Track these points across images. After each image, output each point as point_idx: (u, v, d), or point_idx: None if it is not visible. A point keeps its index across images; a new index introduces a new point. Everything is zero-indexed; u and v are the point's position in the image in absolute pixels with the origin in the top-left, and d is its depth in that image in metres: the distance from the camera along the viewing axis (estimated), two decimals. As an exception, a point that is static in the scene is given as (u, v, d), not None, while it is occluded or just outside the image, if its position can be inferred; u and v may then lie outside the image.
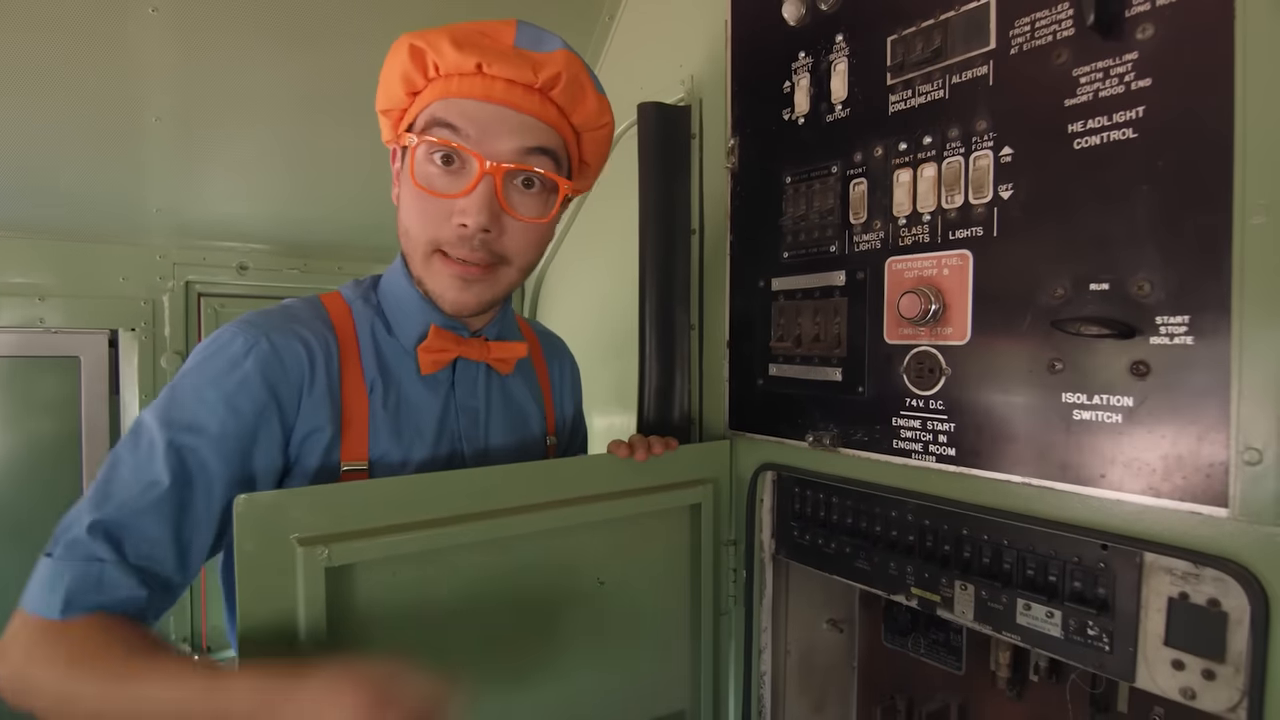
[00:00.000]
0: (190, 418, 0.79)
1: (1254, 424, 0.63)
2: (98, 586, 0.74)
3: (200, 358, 0.83)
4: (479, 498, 0.91)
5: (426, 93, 0.88)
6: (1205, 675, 0.71)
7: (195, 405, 0.80)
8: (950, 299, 0.86)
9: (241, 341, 0.83)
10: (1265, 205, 0.62)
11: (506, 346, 1.00)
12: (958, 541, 0.91)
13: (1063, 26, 0.76)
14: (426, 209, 0.87)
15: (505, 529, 0.91)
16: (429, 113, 0.87)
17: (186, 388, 0.81)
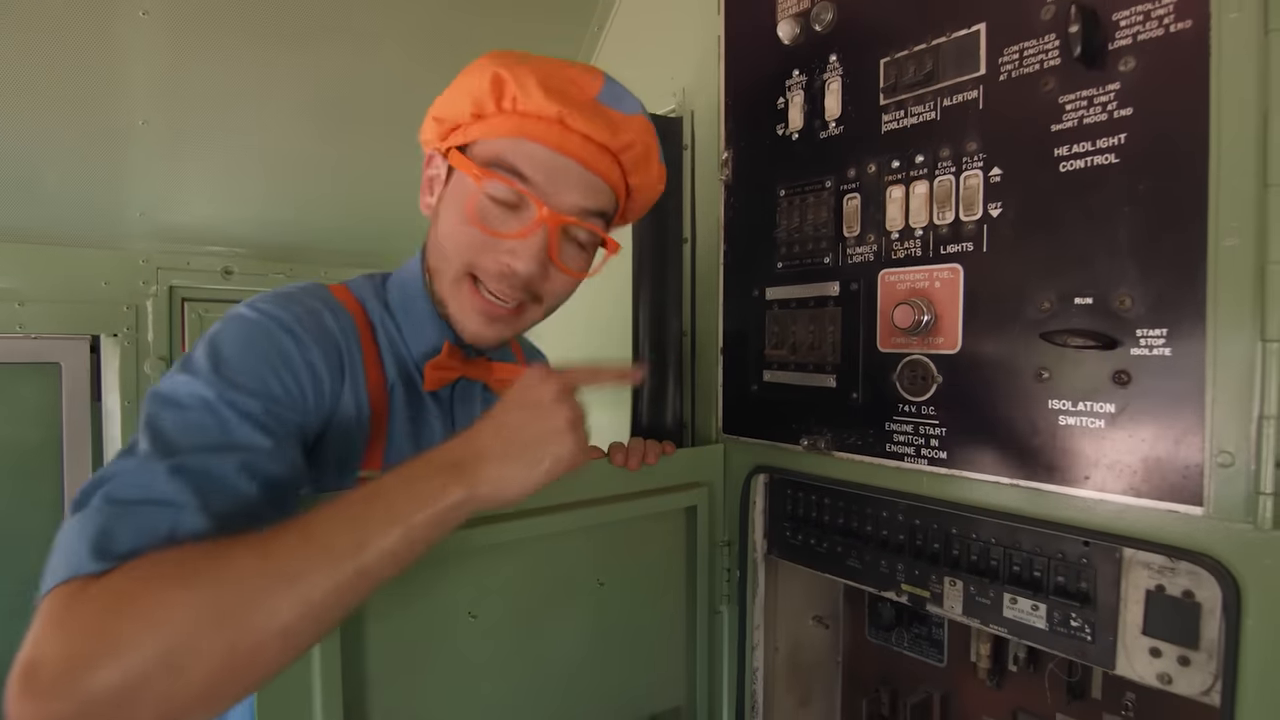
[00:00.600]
0: (252, 383, 0.72)
1: (1226, 429, 0.69)
2: (170, 533, 0.58)
3: (240, 329, 0.76)
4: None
5: (497, 123, 0.85)
6: (1181, 662, 0.76)
7: (253, 372, 0.73)
8: (941, 310, 0.91)
9: (286, 314, 0.78)
10: (1237, 228, 0.68)
11: (508, 369, 1.00)
12: (947, 540, 0.96)
13: (1049, 56, 0.81)
14: (472, 237, 0.86)
15: (506, 534, 0.92)
16: (497, 149, 0.85)
17: (235, 356, 0.73)
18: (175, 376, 0.71)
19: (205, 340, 0.75)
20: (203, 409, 0.68)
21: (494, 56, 0.86)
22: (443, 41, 1.44)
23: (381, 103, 1.49)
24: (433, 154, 0.93)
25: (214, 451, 0.66)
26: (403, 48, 1.41)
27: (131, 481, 0.61)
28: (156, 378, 1.57)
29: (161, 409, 0.68)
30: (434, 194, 0.92)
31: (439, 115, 0.91)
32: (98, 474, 0.63)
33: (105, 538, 0.56)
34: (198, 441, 0.66)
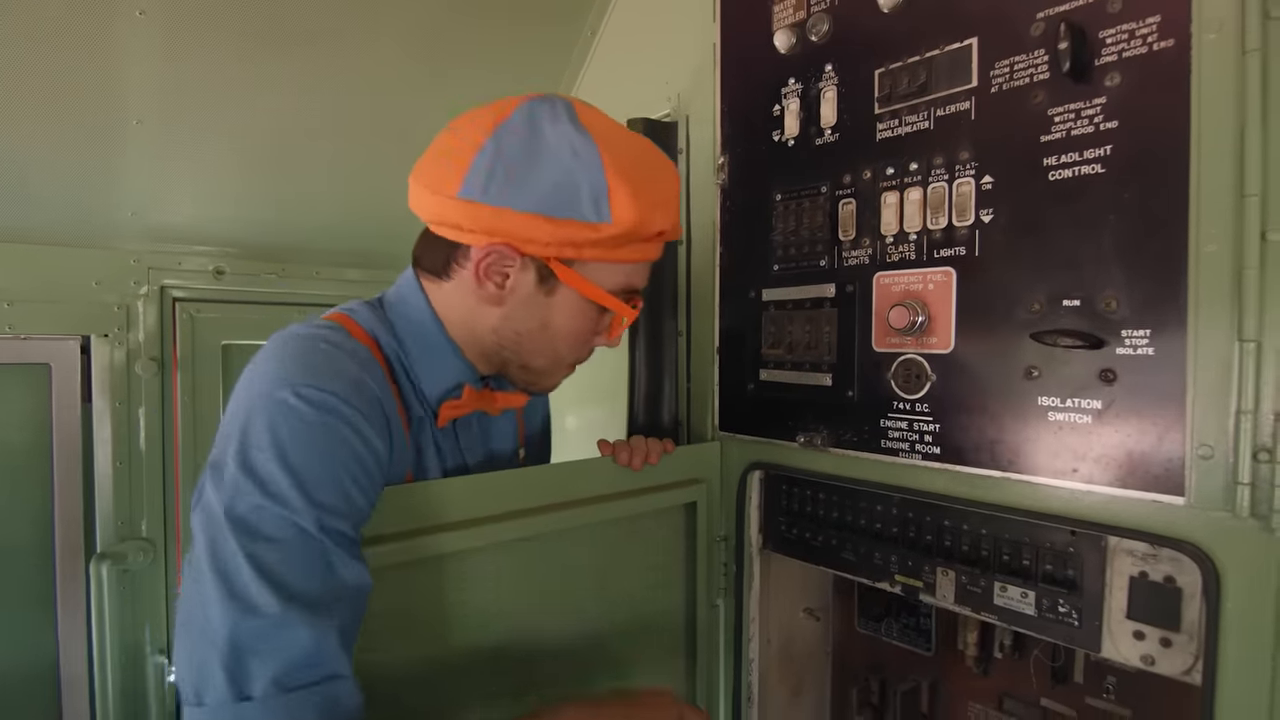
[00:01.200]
0: (339, 502, 0.72)
1: (1207, 423, 0.73)
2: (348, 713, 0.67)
3: (302, 431, 0.72)
4: (484, 503, 0.94)
5: (630, 251, 0.87)
6: (1163, 643, 0.81)
7: (335, 486, 0.72)
8: (935, 311, 0.95)
9: (340, 402, 0.75)
10: (1217, 235, 0.72)
11: (509, 398, 1.00)
12: (939, 531, 1.00)
13: (1039, 70, 0.85)
14: (588, 338, 0.95)
15: (508, 533, 0.94)
16: (628, 276, 0.91)
17: (311, 468, 0.71)
18: (249, 498, 0.68)
19: (265, 446, 0.70)
20: (302, 542, 0.69)
21: (660, 212, 0.86)
22: (436, 43, 1.45)
23: (375, 103, 1.50)
24: (511, 253, 0.84)
25: (336, 601, 0.69)
26: (397, 49, 1.42)
27: (301, 658, 0.65)
28: (150, 379, 1.56)
29: (254, 543, 0.67)
30: (507, 288, 0.87)
31: (535, 231, 0.82)
32: (219, 637, 0.63)
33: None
34: (310, 585, 0.68)
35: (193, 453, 1.65)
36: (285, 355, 0.78)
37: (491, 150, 0.82)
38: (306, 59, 1.35)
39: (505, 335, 0.91)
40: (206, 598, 0.65)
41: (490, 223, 0.82)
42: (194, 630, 0.65)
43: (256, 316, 1.70)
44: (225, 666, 0.63)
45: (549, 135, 0.82)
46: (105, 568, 1.49)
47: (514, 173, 0.81)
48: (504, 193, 0.81)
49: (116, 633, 1.52)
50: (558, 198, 0.81)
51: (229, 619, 0.64)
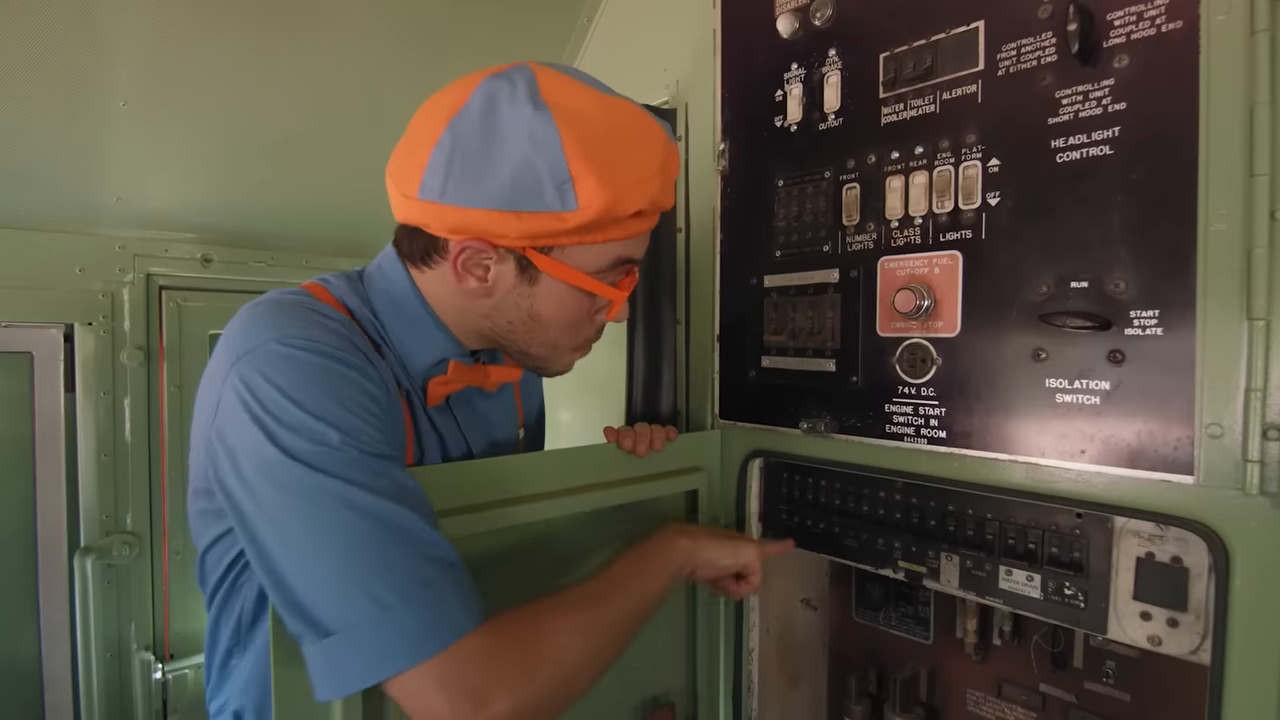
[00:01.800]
0: (367, 432, 0.72)
1: (1216, 402, 0.74)
2: (470, 590, 0.72)
3: (313, 380, 0.71)
4: (487, 488, 0.92)
5: (604, 232, 0.82)
6: (1170, 624, 0.81)
7: (364, 424, 0.72)
8: (941, 295, 0.95)
9: (342, 355, 0.74)
10: (1225, 214, 0.73)
11: (504, 371, 0.97)
12: (943, 516, 1.00)
13: (1046, 53, 0.85)
14: (582, 323, 0.91)
15: (507, 519, 0.93)
16: (615, 251, 0.85)
17: (325, 403, 0.70)
18: (304, 445, 0.68)
19: (269, 391, 0.69)
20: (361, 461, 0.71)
21: (590, 161, 0.76)
22: (429, 29, 1.43)
23: (368, 89, 1.47)
24: (484, 247, 0.81)
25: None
26: (391, 34, 1.40)
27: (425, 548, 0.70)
28: (134, 369, 1.52)
29: (316, 475, 0.68)
30: (490, 280, 0.84)
31: (500, 226, 0.78)
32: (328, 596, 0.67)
33: (454, 610, 0.69)
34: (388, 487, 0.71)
35: (179, 445, 1.62)
36: (254, 317, 0.76)
37: (448, 144, 0.77)
38: (299, 43, 1.33)
39: (499, 326, 0.89)
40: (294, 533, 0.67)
41: (455, 221, 0.79)
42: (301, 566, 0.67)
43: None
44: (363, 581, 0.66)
45: (505, 121, 0.76)
46: (89, 562, 1.46)
47: (470, 168, 0.77)
48: (462, 192, 0.77)
49: (101, 629, 1.49)
50: (518, 192, 0.76)
51: (343, 543, 0.67)
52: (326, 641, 0.65)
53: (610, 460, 1.07)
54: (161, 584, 1.62)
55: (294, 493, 0.67)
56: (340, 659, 0.65)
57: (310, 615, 0.66)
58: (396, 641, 0.65)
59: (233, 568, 0.85)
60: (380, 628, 0.65)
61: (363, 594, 0.65)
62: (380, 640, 0.65)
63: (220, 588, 0.87)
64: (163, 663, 1.63)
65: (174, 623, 1.65)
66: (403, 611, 0.66)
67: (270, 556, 0.68)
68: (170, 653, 1.65)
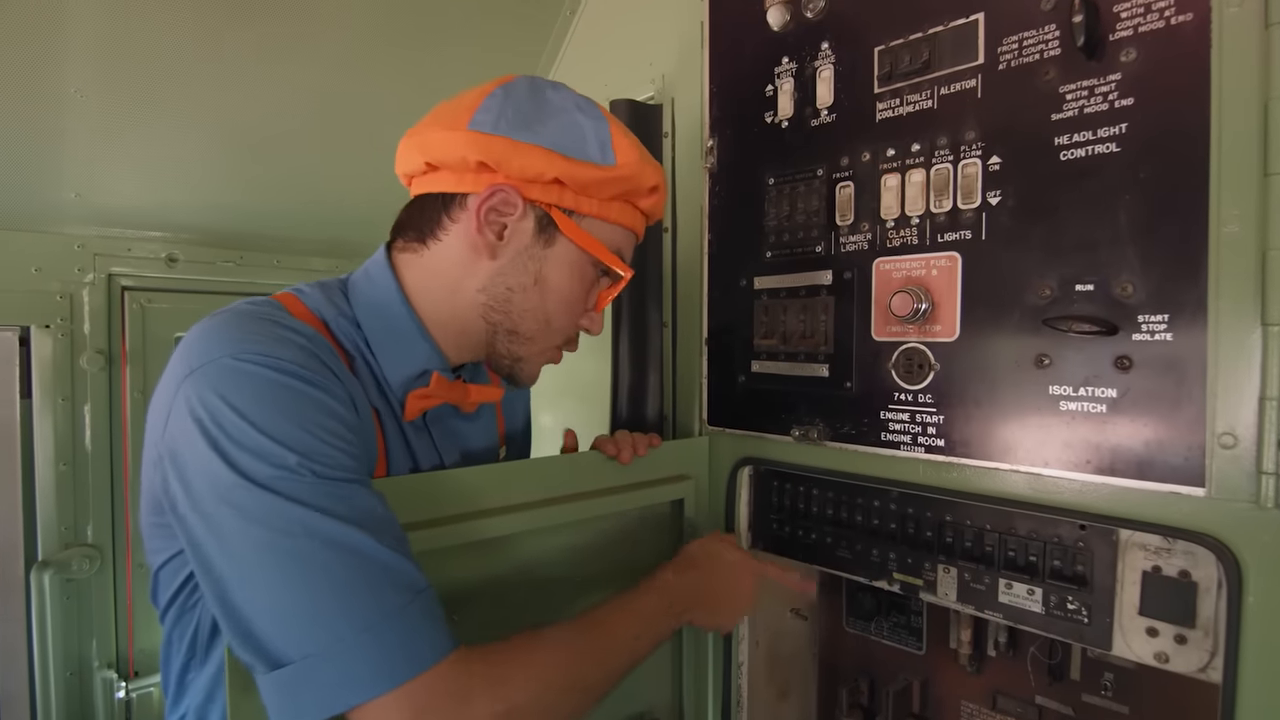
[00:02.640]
0: (327, 455, 0.68)
1: (1230, 411, 0.71)
2: (440, 618, 0.69)
3: (271, 399, 0.67)
4: (464, 499, 0.89)
5: (621, 212, 0.90)
6: (1177, 640, 0.78)
7: (326, 445, 0.68)
8: (939, 298, 0.91)
9: (303, 372, 0.70)
10: (1239, 215, 0.70)
11: (484, 391, 0.95)
12: (940, 527, 0.97)
13: (1049, 46, 0.82)
14: (579, 301, 0.92)
15: (490, 529, 0.89)
16: (617, 241, 0.91)
17: (282, 424, 0.66)
18: (261, 468, 0.64)
19: (223, 411, 0.65)
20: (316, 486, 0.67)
21: (651, 167, 0.90)
22: (406, 20, 1.38)
23: (343, 82, 1.42)
24: (515, 197, 0.83)
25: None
26: (367, 25, 1.35)
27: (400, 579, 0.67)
28: (95, 374, 1.45)
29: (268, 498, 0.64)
30: (505, 238, 0.85)
31: (547, 165, 0.82)
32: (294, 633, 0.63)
33: (419, 640, 0.66)
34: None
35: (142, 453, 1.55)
36: (212, 328, 0.72)
37: (501, 95, 0.84)
38: (269, 31, 1.27)
39: (496, 293, 0.87)
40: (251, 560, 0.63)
41: (502, 153, 0.81)
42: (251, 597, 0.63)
43: (212, 307, 1.55)
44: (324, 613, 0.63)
45: (552, 95, 0.86)
46: (47, 577, 1.39)
47: (522, 114, 0.83)
48: (515, 129, 0.82)
49: (60, 646, 1.42)
50: (567, 139, 0.83)
51: (304, 571, 0.63)
52: (281, 672, 0.61)
53: (591, 469, 1.02)
54: (124, 598, 1.55)
55: (249, 519, 0.63)
56: (296, 690, 0.61)
57: (264, 646, 0.62)
58: (357, 672, 0.62)
59: (188, 583, 0.81)
60: (339, 658, 0.61)
61: (321, 625, 0.62)
62: (339, 671, 0.61)
63: (174, 602, 0.83)
64: (126, 680, 1.56)
65: (138, 639, 1.57)
66: (365, 642, 0.62)
67: (223, 584, 0.63)
68: (134, 670, 1.58)
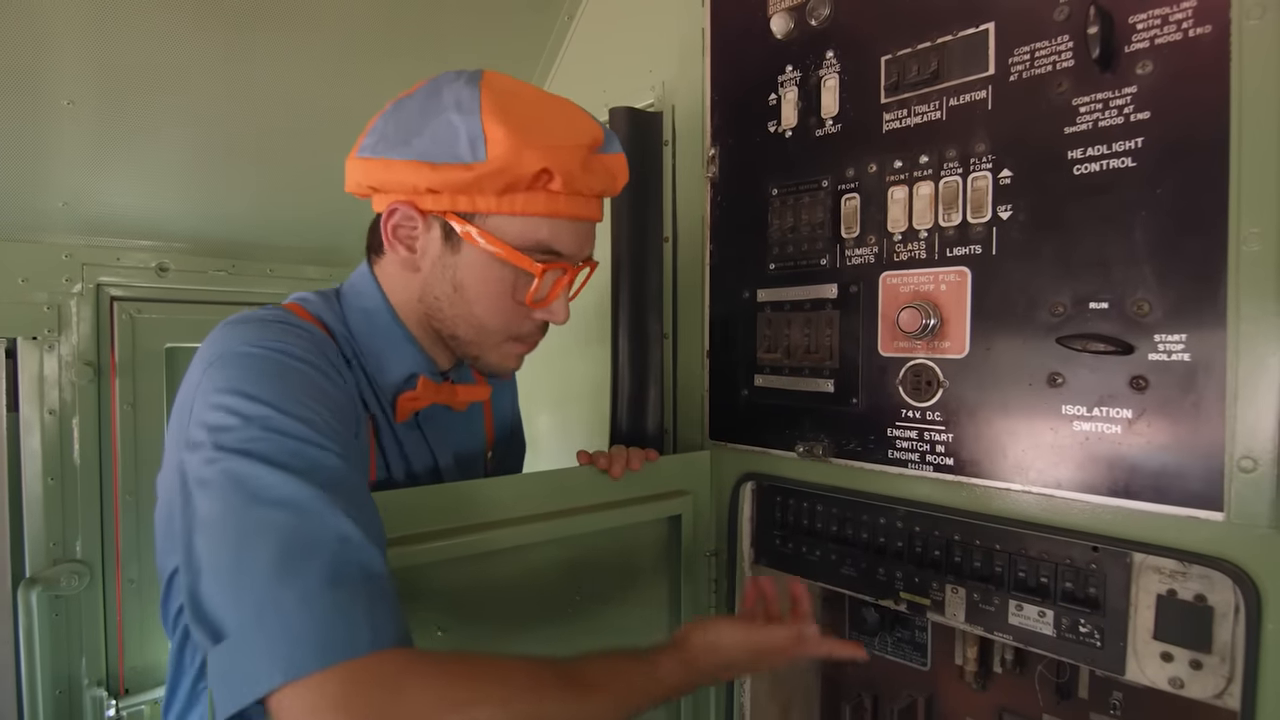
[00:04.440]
0: (315, 423, 0.68)
1: (1251, 434, 0.69)
2: (392, 609, 0.62)
3: (266, 372, 0.71)
4: (456, 513, 0.88)
5: (525, 200, 0.84)
6: (1193, 665, 0.77)
7: (314, 414, 0.69)
8: (947, 314, 0.89)
9: (309, 357, 0.75)
10: (1259, 233, 0.68)
11: (471, 390, 0.97)
12: (948, 546, 0.95)
13: (1062, 58, 0.80)
14: (515, 312, 0.89)
15: (479, 545, 0.88)
16: (534, 233, 0.85)
17: (278, 393, 0.69)
18: (239, 430, 0.65)
19: (223, 392, 0.68)
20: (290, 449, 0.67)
21: (529, 143, 0.80)
22: (402, 28, 1.35)
23: (338, 86, 1.39)
24: (412, 211, 0.85)
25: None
26: (364, 29, 1.32)
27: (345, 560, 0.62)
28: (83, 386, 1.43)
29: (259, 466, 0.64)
30: (418, 251, 0.87)
31: (419, 178, 0.82)
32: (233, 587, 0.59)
33: (350, 626, 0.59)
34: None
35: (133, 466, 1.52)
36: (227, 328, 0.77)
37: (390, 113, 0.86)
38: (264, 39, 1.25)
39: (429, 304, 0.90)
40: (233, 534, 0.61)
41: (381, 175, 0.84)
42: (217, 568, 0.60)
43: (204, 317, 1.57)
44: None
45: (443, 95, 0.83)
46: (35, 594, 1.36)
47: (401, 129, 0.84)
48: (390, 146, 0.84)
49: (49, 665, 1.39)
50: (437, 145, 0.82)
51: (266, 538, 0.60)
52: (220, 646, 0.57)
53: (585, 484, 1.01)
54: (114, 615, 1.51)
55: (219, 478, 0.62)
56: (233, 666, 0.57)
57: (209, 614, 0.59)
58: (282, 647, 0.56)
59: None
60: (271, 630, 0.57)
61: (260, 591, 0.58)
62: (270, 645, 0.56)
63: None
64: (117, 699, 1.52)
65: (129, 656, 1.54)
66: (297, 613, 0.57)
67: (190, 550, 0.62)
68: (125, 687, 1.55)
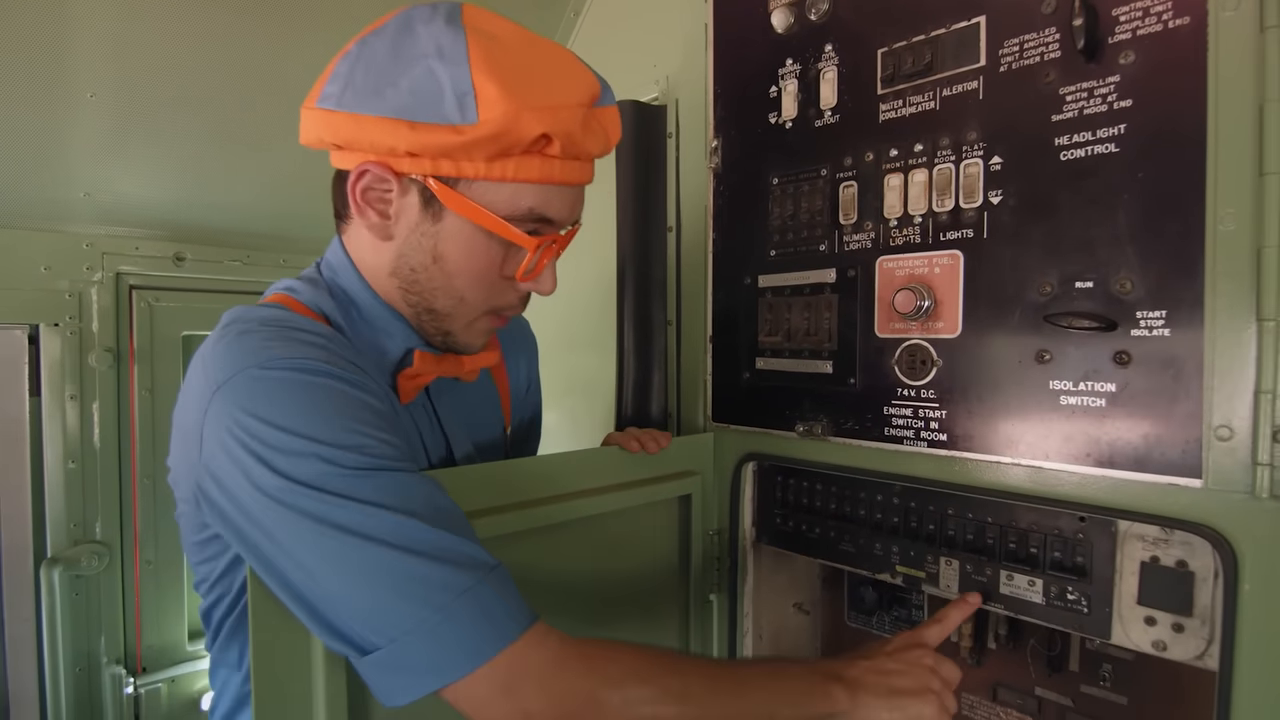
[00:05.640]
0: (368, 446, 0.67)
1: (1226, 404, 0.73)
2: (514, 589, 0.69)
3: (303, 400, 0.67)
4: (482, 495, 0.89)
5: (517, 165, 0.75)
6: (1175, 629, 0.80)
7: (363, 437, 0.68)
8: (941, 295, 0.93)
9: (331, 368, 0.70)
10: (1234, 213, 0.72)
11: (478, 357, 0.92)
12: (942, 520, 0.99)
13: (1050, 49, 0.84)
14: (490, 276, 0.81)
15: (504, 526, 0.90)
16: (524, 199, 0.77)
17: (315, 420, 0.66)
18: (304, 468, 0.64)
19: (252, 420, 0.65)
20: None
21: (526, 104, 0.71)
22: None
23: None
24: (385, 174, 0.76)
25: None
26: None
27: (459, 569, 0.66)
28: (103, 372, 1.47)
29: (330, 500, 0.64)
30: (391, 217, 0.79)
31: (395, 138, 0.72)
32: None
33: (502, 617, 0.67)
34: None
35: (151, 450, 1.56)
36: (229, 341, 0.70)
37: (354, 54, 0.75)
38: (278, 33, 1.29)
39: (403, 275, 0.81)
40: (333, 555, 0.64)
41: (349, 132, 0.74)
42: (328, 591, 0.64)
43: (219, 305, 1.57)
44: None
45: (419, 35, 0.73)
46: (56, 573, 1.40)
47: (371, 76, 0.73)
48: (360, 98, 0.73)
49: (69, 643, 1.43)
50: (417, 100, 0.71)
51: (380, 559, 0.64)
52: (373, 656, 0.64)
53: (602, 465, 1.04)
54: (133, 595, 1.56)
55: (304, 522, 0.63)
56: (389, 673, 0.64)
57: (349, 638, 0.64)
58: (440, 653, 0.63)
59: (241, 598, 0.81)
60: (423, 641, 0.63)
61: (397, 612, 0.63)
62: (426, 652, 0.63)
63: (229, 616, 0.83)
64: (134, 676, 1.57)
65: (146, 635, 1.58)
66: (443, 624, 0.63)
67: (297, 589, 0.65)
68: (142, 666, 1.59)
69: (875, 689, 0.78)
